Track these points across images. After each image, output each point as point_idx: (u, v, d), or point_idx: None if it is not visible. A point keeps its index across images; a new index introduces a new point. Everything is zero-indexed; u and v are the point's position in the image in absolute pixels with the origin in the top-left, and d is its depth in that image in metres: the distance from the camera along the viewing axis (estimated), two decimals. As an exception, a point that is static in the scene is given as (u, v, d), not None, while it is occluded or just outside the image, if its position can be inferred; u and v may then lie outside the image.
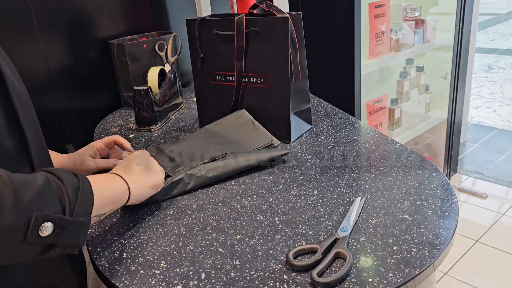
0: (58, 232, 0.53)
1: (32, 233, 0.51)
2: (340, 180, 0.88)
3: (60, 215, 0.54)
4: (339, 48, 1.70)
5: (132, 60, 1.44)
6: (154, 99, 1.26)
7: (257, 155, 0.95)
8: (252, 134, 1.04)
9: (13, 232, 0.50)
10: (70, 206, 0.56)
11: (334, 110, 1.28)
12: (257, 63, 1.07)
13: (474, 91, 4.18)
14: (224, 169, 0.91)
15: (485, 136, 3.04)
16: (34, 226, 0.51)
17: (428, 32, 2.08)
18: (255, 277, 0.63)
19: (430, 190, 0.82)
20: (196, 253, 0.70)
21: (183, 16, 1.64)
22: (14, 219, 0.49)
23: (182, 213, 0.81)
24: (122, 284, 0.64)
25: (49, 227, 0.52)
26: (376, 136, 1.09)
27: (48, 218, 0.52)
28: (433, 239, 0.68)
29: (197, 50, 1.14)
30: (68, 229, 0.55)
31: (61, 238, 0.54)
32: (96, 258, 0.70)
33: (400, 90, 2.15)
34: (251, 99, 1.12)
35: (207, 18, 1.11)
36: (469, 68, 2.54)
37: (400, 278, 0.61)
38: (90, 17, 1.44)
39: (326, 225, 0.74)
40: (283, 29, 1.01)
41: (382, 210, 0.76)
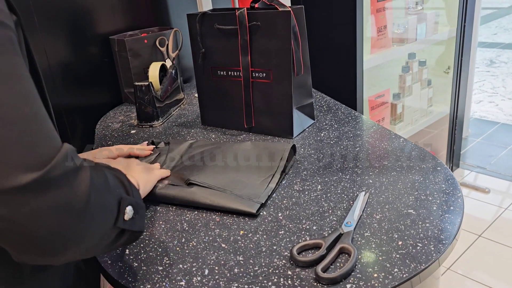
0: (134, 216, 0.51)
1: (120, 216, 0.48)
2: (344, 175, 0.88)
3: (136, 200, 0.52)
4: (341, 42, 1.69)
5: (133, 56, 1.43)
6: (156, 95, 1.25)
7: (224, 200, 0.79)
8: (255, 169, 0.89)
9: (108, 212, 0.47)
10: (133, 193, 0.54)
11: (337, 104, 1.27)
12: (259, 57, 1.06)
13: (476, 85, 4.16)
14: (186, 196, 0.81)
15: (487, 131, 3.03)
16: (121, 209, 0.49)
17: (430, 26, 2.06)
18: (259, 273, 0.63)
19: (435, 185, 0.81)
20: (199, 249, 0.69)
21: (183, 11, 1.63)
22: (110, 199, 0.47)
23: (185, 209, 0.81)
24: (125, 281, 0.63)
25: (130, 211, 0.50)
26: (379, 130, 1.08)
27: (130, 202, 0.50)
28: (439, 234, 0.67)
29: (198, 45, 1.13)
30: (139, 213, 0.53)
31: (134, 224, 0.52)
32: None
33: (402, 85, 2.14)
34: (253, 94, 1.11)
35: (208, 13, 1.10)
36: (471, 63, 2.52)
37: (406, 273, 0.60)
38: (91, 13, 1.43)
39: (330, 220, 0.73)
40: (285, 23, 1.00)
41: (386, 205, 0.76)
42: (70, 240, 0.43)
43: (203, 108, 1.22)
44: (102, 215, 0.46)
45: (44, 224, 0.41)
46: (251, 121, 1.14)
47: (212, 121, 1.22)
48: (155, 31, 1.55)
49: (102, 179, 0.48)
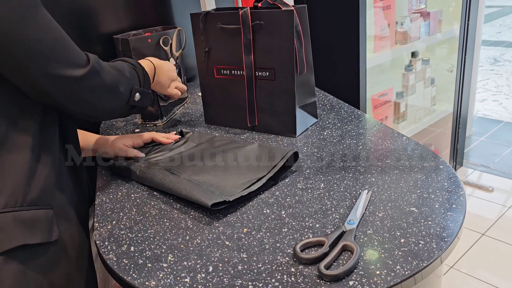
0: (142, 98, 0.88)
1: (131, 98, 0.85)
2: (347, 173, 0.88)
3: (142, 89, 0.88)
4: (344, 41, 1.69)
5: (136, 55, 1.43)
6: (159, 93, 1.26)
7: (192, 190, 0.81)
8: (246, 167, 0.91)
9: (124, 95, 0.83)
10: (144, 84, 0.90)
11: (340, 103, 1.28)
12: (262, 56, 1.07)
13: (480, 84, 4.15)
14: (165, 183, 0.86)
15: (491, 129, 3.02)
16: (132, 95, 0.85)
17: (433, 24, 2.06)
18: (262, 270, 0.63)
19: (437, 183, 0.81)
20: (203, 246, 0.70)
21: (187, 10, 1.63)
22: (126, 88, 0.83)
23: (189, 207, 0.81)
24: (130, 277, 0.64)
25: (138, 95, 0.86)
26: (382, 129, 1.09)
27: (138, 90, 0.87)
28: (441, 232, 0.68)
29: (202, 44, 1.14)
30: (145, 96, 0.89)
31: (141, 101, 0.88)
32: (104, 252, 0.71)
33: (405, 84, 2.14)
34: (256, 92, 1.11)
35: (212, 12, 1.11)
36: (475, 61, 2.52)
37: (408, 270, 0.60)
38: (95, 12, 1.44)
39: (333, 218, 0.74)
40: (288, 22, 1.00)
41: (389, 203, 0.76)
42: (106, 105, 0.81)
43: (207, 107, 1.23)
44: (120, 95, 0.83)
45: (96, 95, 0.77)
46: (254, 120, 1.14)
47: (215, 119, 1.22)
48: (159, 30, 1.55)
49: (121, 74, 0.83)
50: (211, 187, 0.83)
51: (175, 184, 0.84)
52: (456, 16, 2.10)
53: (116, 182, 0.94)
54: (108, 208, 0.84)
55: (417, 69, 2.16)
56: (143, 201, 0.85)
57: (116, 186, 0.92)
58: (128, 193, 0.89)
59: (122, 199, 0.87)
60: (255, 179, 0.85)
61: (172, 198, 0.85)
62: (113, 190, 0.91)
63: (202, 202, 0.77)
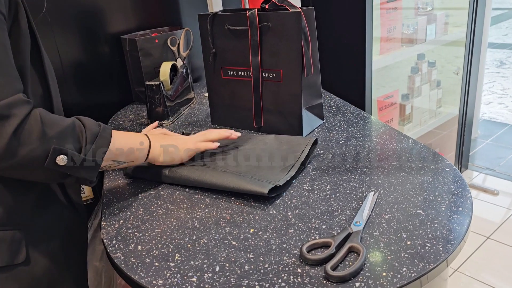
0: (73, 165, 0.68)
1: (50, 161, 0.65)
2: (353, 175, 0.88)
3: (74, 152, 0.68)
4: (350, 43, 1.69)
5: (143, 55, 1.45)
6: (166, 94, 1.27)
7: (239, 182, 0.83)
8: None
9: (35, 158, 0.64)
10: (86, 147, 0.70)
11: (346, 105, 1.28)
12: (269, 58, 1.07)
13: (486, 86, 4.13)
14: (200, 177, 0.86)
15: (496, 132, 3.01)
16: (52, 156, 0.65)
17: (440, 27, 2.06)
18: (269, 270, 0.64)
19: (444, 186, 0.81)
20: (210, 246, 0.70)
21: (194, 11, 1.65)
22: (36, 148, 0.64)
23: (196, 207, 0.82)
24: (137, 276, 0.65)
25: (64, 159, 0.67)
26: (388, 131, 1.09)
27: (63, 152, 0.67)
28: (447, 234, 0.68)
29: (209, 45, 1.15)
30: (80, 164, 0.69)
31: (74, 170, 0.69)
32: (111, 251, 0.71)
33: (411, 86, 2.14)
34: (263, 93, 1.12)
35: (219, 13, 1.11)
36: (481, 64, 2.51)
37: (414, 272, 0.61)
38: (102, 12, 1.45)
39: (339, 219, 0.74)
40: (295, 24, 1.01)
41: (395, 205, 0.76)
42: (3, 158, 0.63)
43: (213, 108, 1.23)
44: (26, 154, 0.64)
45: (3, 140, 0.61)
46: (260, 121, 1.15)
47: (221, 120, 1.23)
48: (166, 31, 1.56)
49: (36, 132, 0.64)
50: (255, 176, 0.85)
51: (218, 178, 0.84)
52: (462, 19, 2.09)
53: (123, 181, 0.95)
54: (115, 207, 0.85)
55: (423, 71, 2.16)
56: (150, 201, 0.86)
57: (123, 186, 0.93)
58: (135, 192, 0.90)
59: (129, 198, 0.87)
60: (290, 165, 0.89)
61: (178, 198, 0.86)
62: (120, 190, 0.91)
63: (256, 191, 0.80)
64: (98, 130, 0.73)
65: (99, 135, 0.73)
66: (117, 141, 0.78)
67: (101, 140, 0.73)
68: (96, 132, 0.73)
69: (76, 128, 0.70)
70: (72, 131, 0.69)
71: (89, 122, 0.73)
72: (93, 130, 0.72)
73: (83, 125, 0.72)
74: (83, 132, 0.71)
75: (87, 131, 0.71)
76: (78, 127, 0.71)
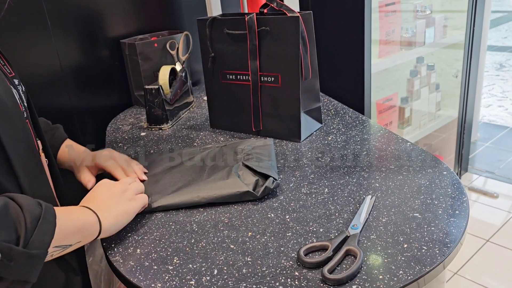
0: (6, 263, 0.49)
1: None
2: (351, 178, 0.89)
3: (10, 245, 0.49)
4: (349, 46, 1.70)
5: (143, 59, 1.45)
6: (165, 98, 1.27)
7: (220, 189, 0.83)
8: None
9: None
10: (26, 236, 0.52)
11: (344, 108, 1.28)
12: (268, 62, 1.08)
13: (486, 89, 4.14)
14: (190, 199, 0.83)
15: (496, 135, 3.02)
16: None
17: (439, 30, 2.06)
18: (266, 273, 0.64)
19: (441, 189, 0.82)
20: (208, 249, 0.71)
21: (193, 15, 1.65)
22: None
23: (194, 211, 0.82)
24: (136, 279, 0.65)
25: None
26: (386, 134, 1.09)
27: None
28: (444, 237, 0.68)
29: (208, 50, 1.15)
30: (17, 261, 0.50)
31: (9, 271, 0.50)
32: (110, 254, 0.72)
33: (410, 89, 2.14)
34: (261, 97, 1.12)
35: (218, 18, 1.12)
36: (481, 66, 2.52)
37: (411, 275, 0.61)
38: (102, 16, 1.46)
39: (337, 223, 0.75)
40: (294, 28, 1.01)
41: (392, 209, 0.77)
42: None
43: (212, 111, 1.24)
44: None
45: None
46: (259, 125, 1.15)
47: (220, 124, 1.23)
48: (165, 35, 1.57)
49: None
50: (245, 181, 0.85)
51: (208, 192, 0.83)
52: (461, 22, 2.10)
53: (122, 185, 0.95)
54: (114, 210, 0.85)
55: (422, 74, 2.16)
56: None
57: (122, 189, 0.93)
58: (134, 196, 0.90)
59: (128, 202, 0.88)
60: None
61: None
62: (120, 193, 0.91)
63: (249, 194, 0.82)
64: (40, 211, 0.55)
65: (42, 217, 0.55)
66: (62, 220, 0.59)
67: (45, 225, 0.55)
68: (38, 215, 0.55)
69: (10, 211, 0.52)
70: (5, 217, 0.51)
71: (27, 202, 0.55)
72: (34, 212, 0.54)
73: (20, 206, 0.54)
74: (20, 216, 0.53)
75: (25, 214, 0.53)
76: (13, 209, 0.53)
